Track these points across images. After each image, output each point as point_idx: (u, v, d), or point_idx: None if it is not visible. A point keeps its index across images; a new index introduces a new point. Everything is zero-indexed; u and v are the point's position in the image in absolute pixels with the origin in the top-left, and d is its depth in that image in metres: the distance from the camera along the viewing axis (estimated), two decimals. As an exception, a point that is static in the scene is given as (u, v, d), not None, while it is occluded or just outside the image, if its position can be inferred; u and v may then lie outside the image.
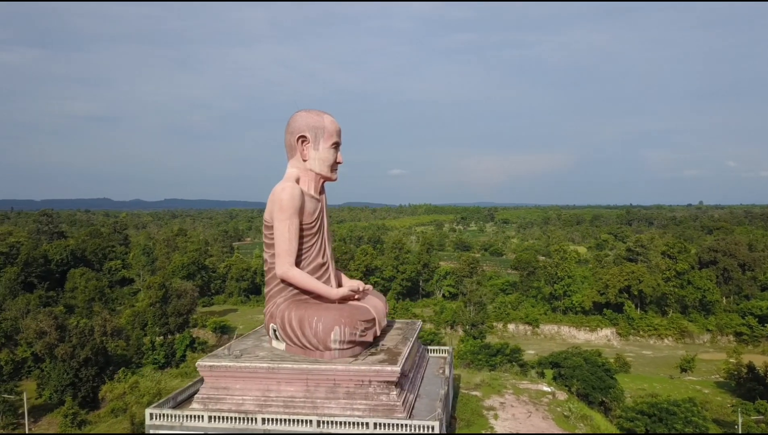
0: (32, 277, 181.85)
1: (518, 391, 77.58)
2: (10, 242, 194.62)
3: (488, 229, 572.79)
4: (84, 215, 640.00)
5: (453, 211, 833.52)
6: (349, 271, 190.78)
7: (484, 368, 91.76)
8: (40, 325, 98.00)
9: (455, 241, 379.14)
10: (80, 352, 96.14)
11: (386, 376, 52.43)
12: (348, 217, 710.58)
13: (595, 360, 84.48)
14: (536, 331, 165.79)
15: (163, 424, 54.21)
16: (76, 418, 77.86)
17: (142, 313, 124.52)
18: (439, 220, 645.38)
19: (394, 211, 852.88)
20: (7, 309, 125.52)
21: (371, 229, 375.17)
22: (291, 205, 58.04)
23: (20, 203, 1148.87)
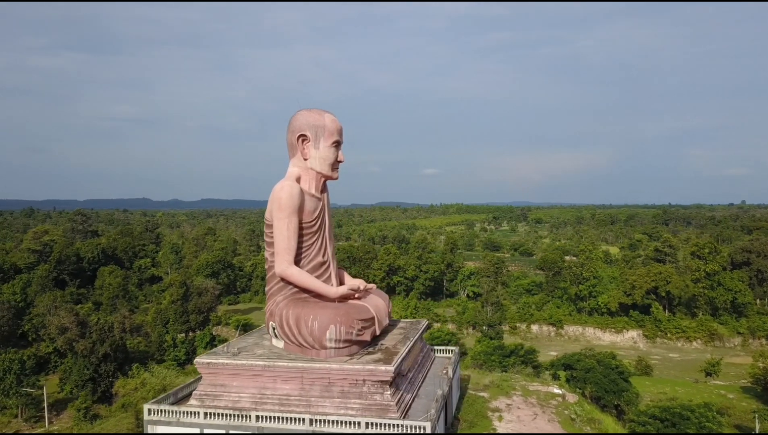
0: (64, 275, 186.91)
1: (527, 393, 76.42)
2: (45, 241, 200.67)
3: (520, 229, 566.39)
4: (122, 215, 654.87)
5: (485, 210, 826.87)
6: (372, 271, 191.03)
7: (496, 369, 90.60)
8: (62, 321, 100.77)
9: (485, 241, 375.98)
10: (99, 348, 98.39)
11: (380, 376, 52.19)
12: (379, 216, 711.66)
13: (609, 362, 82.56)
14: (560, 332, 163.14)
15: (161, 419, 55.03)
16: (89, 413, 79.88)
17: (164, 311, 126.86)
18: (470, 219, 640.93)
19: (425, 210, 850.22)
20: (37, 305, 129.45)
21: (396, 228, 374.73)
22: (290, 204, 58.28)
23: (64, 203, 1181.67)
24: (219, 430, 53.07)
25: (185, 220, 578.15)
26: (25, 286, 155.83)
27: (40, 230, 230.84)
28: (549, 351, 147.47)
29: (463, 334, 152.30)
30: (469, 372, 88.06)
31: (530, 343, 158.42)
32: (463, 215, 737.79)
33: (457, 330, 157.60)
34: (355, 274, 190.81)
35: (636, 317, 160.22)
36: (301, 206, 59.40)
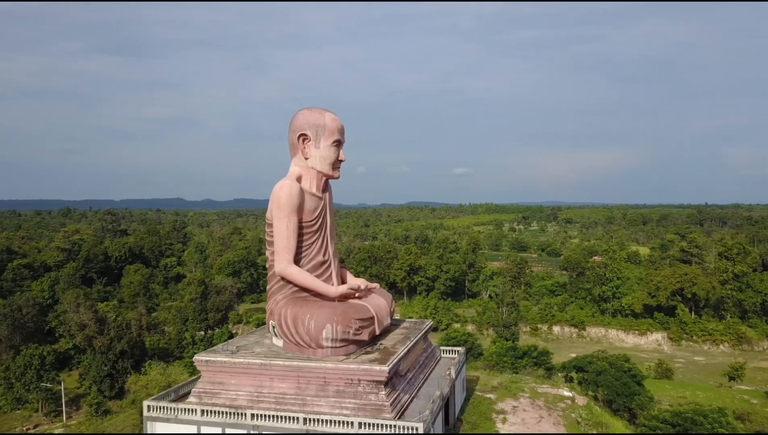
0: (92, 273, 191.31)
1: (535, 395, 75.32)
2: (74, 240, 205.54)
3: (549, 230, 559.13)
4: (155, 214, 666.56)
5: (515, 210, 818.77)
6: (393, 270, 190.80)
7: (507, 371, 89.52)
8: (81, 318, 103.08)
9: (512, 242, 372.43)
10: (117, 345, 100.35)
11: (375, 376, 51.98)
12: (407, 216, 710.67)
13: (621, 365, 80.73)
14: (582, 333, 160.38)
15: (159, 416, 55.78)
16: (100, 408, 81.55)
17: (183, 309, 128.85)
18: (499, 219, 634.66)
19: (453, 210, 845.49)
20: (61, 303, 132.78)
21: (418, 228, 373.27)
22: (289, 203, 58.48)
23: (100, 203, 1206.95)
24: (215, 428, 53.55)
25: (215, 220, 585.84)
26: (53, 284, 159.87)
27: (71, 230, 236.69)
28: (570, 353, 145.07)
29: (483, 334, 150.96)
30: (479, 373, 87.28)
31: (551, 344, 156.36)
32: (492, 215, 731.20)
33: (476, 331, 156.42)
34: (376, 273, 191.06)
35: (661, 319, 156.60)
36: (300, 205, 59.54)
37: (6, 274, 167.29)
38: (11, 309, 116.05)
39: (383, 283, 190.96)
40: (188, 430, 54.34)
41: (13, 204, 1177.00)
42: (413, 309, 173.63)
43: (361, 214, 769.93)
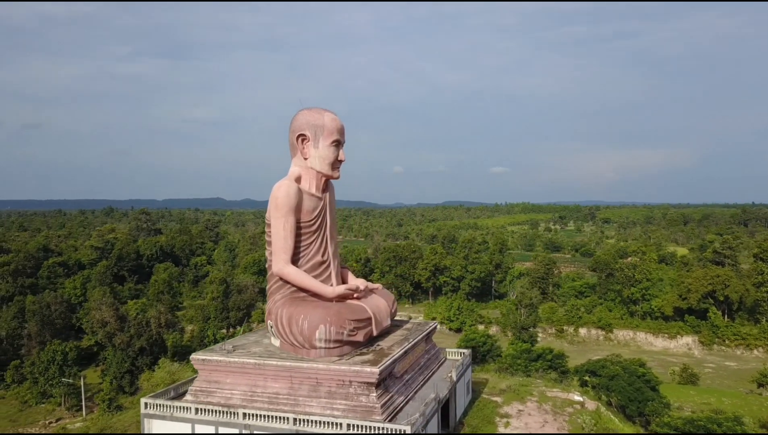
0: (124, 271, 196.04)
1: (543, 399, 73.86)
2: (108, 238, 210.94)
3: (586, 230, 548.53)
4: (192, 214, 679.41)
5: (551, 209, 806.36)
6: (417, 271, 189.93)
7: (519, 373, 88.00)
8: (103, 315, 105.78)
9: (545, 242, 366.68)
10: (136, 342, 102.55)
11: (366, 377, 51.70)
12: (441, 216, 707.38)
13: (635, 370, 78.39)
14: (609, 336, 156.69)
15: (156, 413, 56.64)
16: (113, 403, 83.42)
17: (205, 307, 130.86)
18: (535, 219, 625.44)
19: (489, 209, 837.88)
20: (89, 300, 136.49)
21: (449, 228, 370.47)
22: (286, 203, 58.67)
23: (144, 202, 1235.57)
24: (209, 426, 54.11)
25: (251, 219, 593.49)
26: (84, 282, 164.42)
27: (106, 229, 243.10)
28: (594, 356, 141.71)
29: (507, 336, 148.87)
30: (489, 375, 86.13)
31: (576, 347, 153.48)
32: (528, 214, 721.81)
33: (500, 332, 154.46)
34: (401, 273, 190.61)
35: (692, 322, 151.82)
36: (298, 205, 59.63)
37: (41, 271, 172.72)
38: (40, 306, 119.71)
39: (408, 283, 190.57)
40: (183, 428, 55.05)
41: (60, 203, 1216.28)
42: (437, 309, 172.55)
43: (395, 213, 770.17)
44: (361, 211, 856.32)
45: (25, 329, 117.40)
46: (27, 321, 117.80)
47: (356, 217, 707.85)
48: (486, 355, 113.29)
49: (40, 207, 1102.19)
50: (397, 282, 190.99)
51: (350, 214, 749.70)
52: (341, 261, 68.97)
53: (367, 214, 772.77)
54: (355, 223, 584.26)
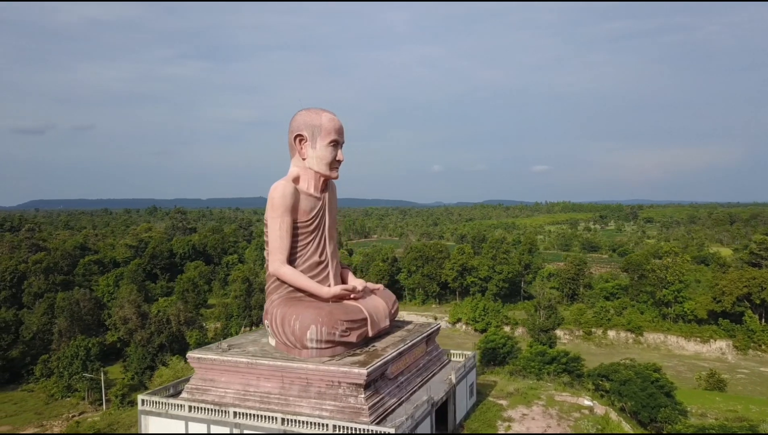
0: (157, 269, 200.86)
1: (551, 404, 72.32)
2: (141, 237, 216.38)
3: (627, 229, 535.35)
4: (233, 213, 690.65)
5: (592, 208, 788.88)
6: (444, 271, 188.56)
7: (531, 376, 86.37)
8: (125, 312, 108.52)
9: (583, 242, 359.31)
10: (156, 339, 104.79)
11: (354, 378, 51.50)
12: (479, 215, 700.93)
13: (649, 375, 75.86)
14: (639, 339, 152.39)
15: (152, 410, 57.64)
16: (125, 399, 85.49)
17: (229, 305, 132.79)
18: (575, 218, 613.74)
19: (528, 209, 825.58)
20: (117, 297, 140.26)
21: (484, 227, 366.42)
22: (282, 204, 58.93)
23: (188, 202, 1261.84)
24: (201, 424, 54.76)
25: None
26: (117, 279, 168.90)
27: (143, 228, 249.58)
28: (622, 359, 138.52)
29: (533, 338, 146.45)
30: (498, 378, 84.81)
31: (604, 349, 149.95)
32: (568, 214, 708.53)
33: (527, 334, 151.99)
34: (428, 273, 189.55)
35: (726, 326, 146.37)
36: (295, 206, 59.80)
37: (77, 269, 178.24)
38: (70, 303, 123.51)
39: (435, 283, 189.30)
40: (177, 426, 55.86)
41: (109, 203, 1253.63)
42: (462, 310, 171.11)
43: (432, 212, 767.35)
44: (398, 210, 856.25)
45: (55, 325, 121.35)
46: (56, 317, 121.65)
47: (392, 216, 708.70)
48: (506, 357, 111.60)
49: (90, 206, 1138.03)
50: (423, 282, 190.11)
51: (386, 214, 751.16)
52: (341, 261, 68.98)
53: (404, 213, 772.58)
54: (390, 222, 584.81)
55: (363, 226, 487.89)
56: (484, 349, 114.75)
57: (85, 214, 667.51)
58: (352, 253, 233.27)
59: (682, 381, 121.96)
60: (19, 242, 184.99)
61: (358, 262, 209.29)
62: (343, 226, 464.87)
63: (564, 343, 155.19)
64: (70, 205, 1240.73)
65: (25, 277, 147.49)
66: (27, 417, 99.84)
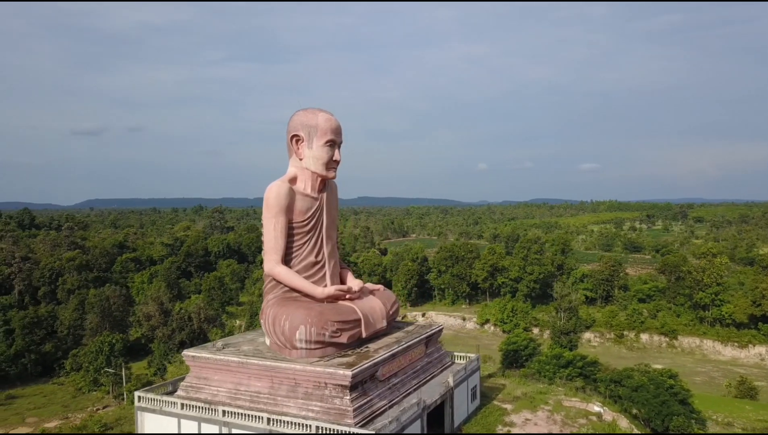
0: (191, 267, 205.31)
1: (558, 409, 70.52)
2: (178, 236, 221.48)
3: (675, 229, 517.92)
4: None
5: (640, 207, 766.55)
6: (474, 271, 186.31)
7: (544, 380, 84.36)
8: (148, 309, 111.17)
9: (625, 242, 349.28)
10: (177, 336, 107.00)
11: (339, 380, 51.32)
12: (521, 214, 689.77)
13: (663, 381, 72.93)
14: (673, 343, 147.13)
15: (147, 407, 58.78)
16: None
17: (254, 303, 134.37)
18: (621, 217, 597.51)
19: (573, 208, 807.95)
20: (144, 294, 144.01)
21: (509, 227, 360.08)
22: (276, 204, 59.21)
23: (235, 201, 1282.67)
24: (192, 422, 55.50)
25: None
26: (151, 277, 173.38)
27: (182, 226, 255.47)
28: (654, 364, 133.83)
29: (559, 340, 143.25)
30: (508, 381, 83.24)
31: (635, 353, 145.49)
32: (614, 213, 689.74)
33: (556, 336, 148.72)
34: (457, 273, 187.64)
35: (766, 331, 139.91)
36: (290, 206, 59.95)
37: (115, 266, 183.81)
38: (100, 299, 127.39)
39: (465, 283, 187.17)
40: (170, 422, 56.79)
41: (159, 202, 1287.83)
42: (490, 311, 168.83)
43: (473, 211, 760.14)
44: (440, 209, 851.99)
45: (86, 320, 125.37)
46: (87, 313, 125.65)
47: (433, 215, 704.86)
48: (528, 360, 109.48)
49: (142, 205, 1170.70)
50: (453, 282, 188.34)
51: (427, 213, 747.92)
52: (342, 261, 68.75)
53: (446, 212, 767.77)
54: (430, 221, 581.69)
55: (401, 226, 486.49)
56: (506, 350, 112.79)
57: (134, 213, 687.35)
58: (385, 253, 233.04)
59: (714, 387, 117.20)
60: (60, 240, 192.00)
61: (388, 262, 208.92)
62: (381, 225, 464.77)
63: (594, 346, 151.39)
64: (123, 205, 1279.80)
65: (61, 274, 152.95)
66: (54, 409, 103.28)
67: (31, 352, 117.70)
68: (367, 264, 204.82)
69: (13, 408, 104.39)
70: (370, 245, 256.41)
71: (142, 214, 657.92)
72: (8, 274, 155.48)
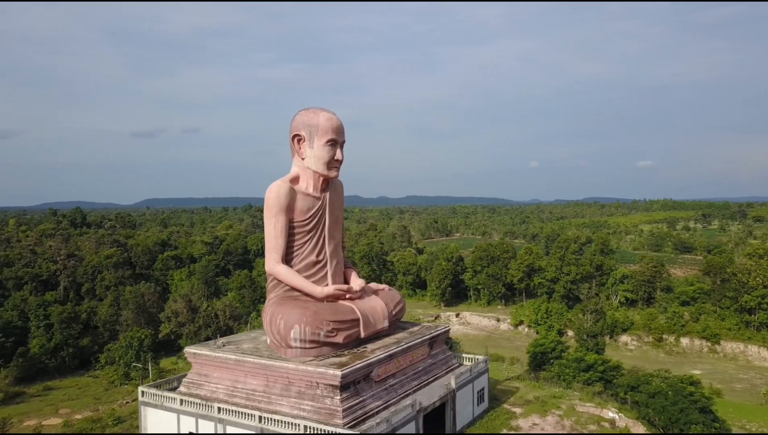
0: (230, 265, 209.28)
1: (569, 414, 68.56)
2: (218, 234, 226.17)
3: (732, 229, 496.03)
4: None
5: (696, 206, 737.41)
6: (510, 271, 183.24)
7: (561, 384, 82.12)
8: (176, 306, 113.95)
9: (675, 242, 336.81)
10: (203, 332, 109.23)
11: (329, 380, 51.32)
12: (570, 213, 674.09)
13: (682, 388, 69.72)
14: (715, 348, 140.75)
15: (150, 402, 60.16)
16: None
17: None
18: (675, 217, 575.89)
19: (624, 207, 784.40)
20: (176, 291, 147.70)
21: (555, 225, 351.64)
22: (275, 204, 59.65)
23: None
24: (190, 418, 56.51)
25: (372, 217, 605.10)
26: (189, 274, 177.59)
27: (225, 225, 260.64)
28: (693, 369, 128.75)
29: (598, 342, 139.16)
30: (522, 384, 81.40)
31: (674, 358, 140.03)
32: (667, 212, 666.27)
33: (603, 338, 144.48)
34: (492, 273, 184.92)
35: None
36: (290, 205, 60.25)
37: (156, 263, 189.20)
38: (135, 295, 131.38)
39: (500, 283, 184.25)
40: (171, 418, 57.96)
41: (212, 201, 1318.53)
42: (524, 312, 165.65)
43: (521, 210, 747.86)
44: (487, 208, 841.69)
45: (121, 316, 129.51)
46: (122, 309, 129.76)
47: (479, 214, 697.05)
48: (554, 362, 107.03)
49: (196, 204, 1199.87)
50: (488, 282, 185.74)
51: (473, 212, 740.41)
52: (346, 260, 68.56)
53: (493, 211, 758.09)
54: (476, 220, 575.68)
55: (445, 225, 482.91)
56: (533, 353, 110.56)
57: (186, 211, 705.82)
58: (421, 252, 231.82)
59: (755, 396, 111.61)
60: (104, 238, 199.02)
61: (422, 261, 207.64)
62: (424, 225, 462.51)
63: (631, 349, 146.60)
64: (178, 204, 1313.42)
65: (100, 271, 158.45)
66: (86, 401, 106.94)
67: (69, 345, 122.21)
68: (402, 263, 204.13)
69: (48, 399, 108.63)
70: (407, 244, 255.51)
71: (194, 212, 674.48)
72: (54, 270, 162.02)
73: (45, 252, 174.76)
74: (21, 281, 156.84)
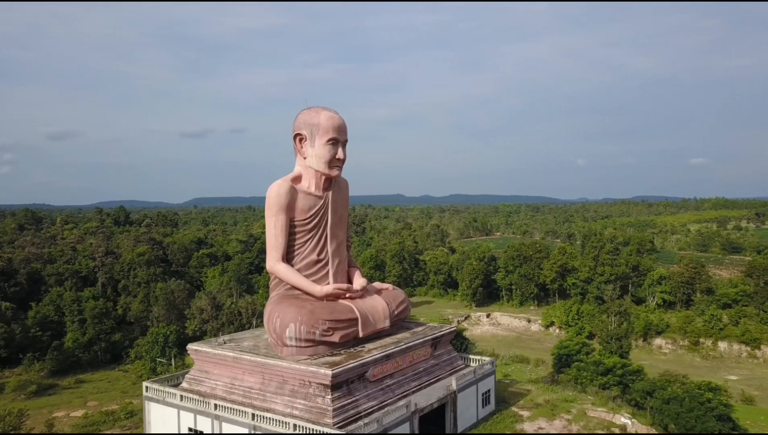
0: (263, 264, 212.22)
1: (579, 418, 66.81)
2: (252, 232, 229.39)
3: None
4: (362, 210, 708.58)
5: (749, 205, 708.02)
6: (542, 271, 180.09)
7: (577, 387, 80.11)
8: (201, 303, 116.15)
9: (723, 242, 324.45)
10: (226, 329, 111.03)
11: (321, 379, 51.32)
12: (616, 212, 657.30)
13: (700, 395, 66.91)
14: (754, 353, 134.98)
15: (152, 397, 61.36)
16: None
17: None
18: (726, 216, 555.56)
19: (673, 205, 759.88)
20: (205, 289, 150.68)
21: (598, 225, 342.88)
22: (276, 203, 60.05)
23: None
24: (189, 413, 57.39)
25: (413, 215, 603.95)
26: (223, 272, 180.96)
27: (261, 224, 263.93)
28: (729, 374, 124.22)
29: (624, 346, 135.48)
30: (534, 386, 79.71)
31: (710, 362, 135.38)
32: (719, 211, 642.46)
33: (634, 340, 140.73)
34: (524, 273, 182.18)
35: None
36: (290, 204, 60.51)
37: (192, 261, 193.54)
38: (165, 292, 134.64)
39: (533, 283, 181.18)
40: (172, 413, 58.98)
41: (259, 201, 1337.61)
42: (555, 313, 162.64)
43: (565, 209, 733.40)
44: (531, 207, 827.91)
45: (151, 312, 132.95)
46: (152, 305, 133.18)
47: (522, 213, 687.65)
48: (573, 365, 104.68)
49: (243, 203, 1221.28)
50: (521, 282, 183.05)
51: (516, 211, 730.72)
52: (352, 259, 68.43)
53: (536, 210, 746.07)
54: (518, 219, 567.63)
55: (485, 224, 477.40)
56: (558, 354, 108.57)
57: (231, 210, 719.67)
58: (454, 251, 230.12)
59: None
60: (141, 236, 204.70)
61: (454, 261, 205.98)
62: (463, 224, 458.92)
63: (665, 353, 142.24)
64: (226, 203, 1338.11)
65: (133, 268, 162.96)
66: (114, 395, 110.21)
67: (102, 340, 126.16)
68: (434, 262, 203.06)
69: (79, 392, 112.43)
70: (440, 244, 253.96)
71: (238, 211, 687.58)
72: (92, 267, 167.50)
73: (85, 249, 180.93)
74: (62, 277, 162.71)
